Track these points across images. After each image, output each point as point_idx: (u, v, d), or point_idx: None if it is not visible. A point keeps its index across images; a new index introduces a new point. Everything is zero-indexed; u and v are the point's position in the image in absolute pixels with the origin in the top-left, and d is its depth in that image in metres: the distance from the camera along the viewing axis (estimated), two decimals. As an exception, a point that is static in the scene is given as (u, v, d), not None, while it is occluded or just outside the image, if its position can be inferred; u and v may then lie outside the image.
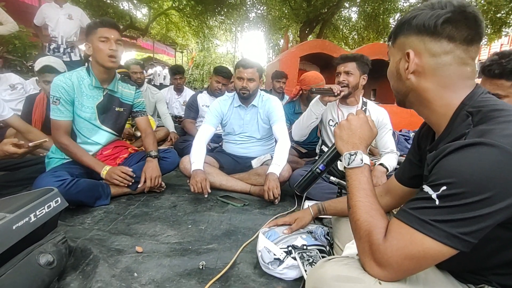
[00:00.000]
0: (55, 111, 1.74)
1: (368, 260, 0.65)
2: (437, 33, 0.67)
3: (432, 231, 0.57)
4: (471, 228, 0.55)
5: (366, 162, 0.77)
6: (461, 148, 0.58)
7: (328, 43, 5.90)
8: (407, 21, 0.72)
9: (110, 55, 1.75)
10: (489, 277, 0.69)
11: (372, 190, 0.73)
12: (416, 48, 0.70)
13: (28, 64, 5.37)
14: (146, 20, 12.11)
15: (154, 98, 3.67)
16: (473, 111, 0.64)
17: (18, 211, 0.98)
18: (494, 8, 7.51)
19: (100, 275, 1.05)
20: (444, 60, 0.68)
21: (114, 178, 1.78)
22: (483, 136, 0.57)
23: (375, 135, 0.85)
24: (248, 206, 1.89)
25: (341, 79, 1.97)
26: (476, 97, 0.67)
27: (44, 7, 3.82)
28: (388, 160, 2.01)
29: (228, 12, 10.86)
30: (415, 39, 0.71)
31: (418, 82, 0.72)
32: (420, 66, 0.71)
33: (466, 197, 0.55)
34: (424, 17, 0.68)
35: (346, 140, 0.83)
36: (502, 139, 0.55)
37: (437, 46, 0.68)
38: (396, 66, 0.76)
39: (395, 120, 2.80)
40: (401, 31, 0.74)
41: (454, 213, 0.56)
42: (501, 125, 0.58)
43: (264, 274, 1.17)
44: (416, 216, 0.60)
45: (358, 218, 0.70)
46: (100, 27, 1.75)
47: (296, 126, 2.15)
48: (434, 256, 0.58)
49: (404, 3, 10.70)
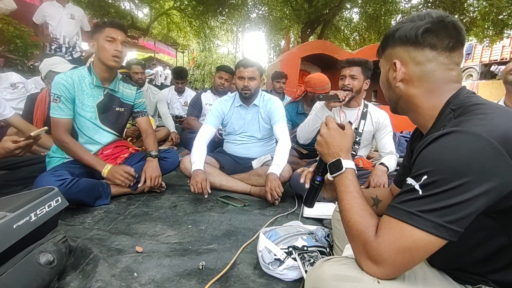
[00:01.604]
0: (55, 109, 1.74)
1: (364, 260, 0.66)
2: (419, 42, 0.73)
3: (419, 222, 0.59)
4: (455, 216, 0.57)
5: (347, 166, 0.81)
6: (438, 137, 0.61)
7: (329, 44, 5.89)
8: (391, 34, 0.78)
9: (115, 55, 1.77)
10: (485, 276, 0.69)
11: (358, 192, 0.76)
12: (402, 58, 0.76)
13: (29, 63, 5.38)
14: (148, 20, 12.12)
15: (155, 98, 3.68)
16: (455, 108, 0.69)
17: (18, 210, 0.98)
18: (496, 10, 7.49)
19: (100, 275, 1.06)
20: (429, 68, 0.73)
21: (117, 178, 1.77)
22: (459, 125, 0.61)
23: (351, 136, 0.89)
24: (248, 206, 1.89)
25: (346, 82, 2.01)
26: (461, 96, 0.71)
27: (45, 5, 3.80)
28: (388, 160, 2.03)
29: (230, 13, 10.85)
30: (400, 50, 0.76)
31: (407, 89, 0.77)
32: (406, 74, 0.76)
33: (445, 183, 0.57)
34: (406, 29, 0.74)
35: (326, 153, 0.88)
36: (478, 127, 0.58)
37: (420, 54, 0.73)
38: (386, 75, 0.82)
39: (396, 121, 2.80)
40: (387, 43, 0.80)
41: (437, 201, 0.58)
42: (479, 115, 0.61)
43: (264, 274, 1.17)
44: (403, 209, 0.62)
45: (349, 220, 0.72)
46: (108, 27, 1.76)
47: (302, 130, 2.19)
48: (425, 247, 0.59)
49: (406, 5, 10.68)
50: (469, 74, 13.39)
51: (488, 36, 8.86)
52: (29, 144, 1.50)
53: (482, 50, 12.64)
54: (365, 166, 2.11)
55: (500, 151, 0.56)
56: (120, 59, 1.81)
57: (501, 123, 0.59)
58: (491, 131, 0.57)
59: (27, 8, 6.05)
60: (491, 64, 12.59)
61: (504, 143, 0.56)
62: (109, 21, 1.80)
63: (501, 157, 0.56)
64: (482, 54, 12.92)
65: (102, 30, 1.75)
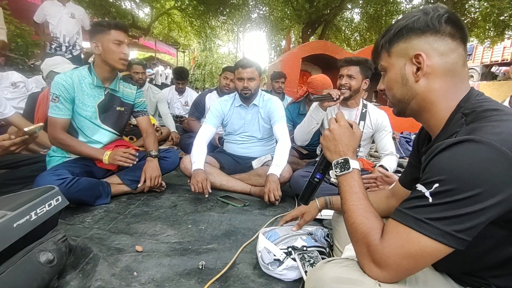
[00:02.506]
0: (53, 109, 1.74)
1: (367, 262, 0.65)
2: (441, 31, 0.69)
3: (427, 230, 0.58)
4: (465, 226, 0.56)
5: (354, 167, 0.78)
6: (451, 145, 0.59)
7: (330, 44, 5.90)
8: (403, 27, 0.72)
9: (123, 58, 1.78)
10: (488, 280, 0.69)
11: (364, 193, 0.74)
12: (423, 49, 0.70)
13: (30, 62, 5.38)
14: (149, 19, 12.13)
15: (156, 98, 3.68)
16: (468, 112, 0.66)
17: (19, 209, 0.98)
18: (497, 11, 7.48)
19: (100, 274, 1.06)
20: (452, 58, 0.69)
21: (118, 160, 1.77)
22: (472, 133, 0.59)
23: (359, 137, 0.87)
24: (248, 206, 1.89)
25: (343, 82, 1.99)
26: (472, 99, 0.69)
27: (46, 4, 3.80)
28: (388, 162, 2.01)
29: (231, 13, 10.85)
30: (418, 41, 0.71)
31: (428, 84, 0.71)
32: (429, 67, 0.70)
33: (457, 193, 0.56)
34: (425, 19, 0.70)
35: (333, 150, 0.84)
36: (492, 136, 0.56)
37: (443, 44, 0.69)
38: (401, 72, 0.75)
39: (396, 122, 2.79)
40: (398, 37, 0.74)
41: (447, 210, 0.57)
42: (492, 123, 0.59)
43: (264, 274, 1.17)
44: (411, 215, 0.61)
45: (354, 221, 0.70)
46: (114, 29, 1.75)
47: (298, 132, 2.15)
48: (431, 254, 0.59)
49: (407, 5, 10.68)
50: (470, 75, 13.38)
51: (489, 37, 8.84)
52: (24, 140, 1.46)
53: (483, 51, 12.62)
54: (366, 167, 2.11)
55: None
56: (127, 61, 1.84)
57: None
58: (505, 140, 0.55)
59: (28, 7, 6.07)
60: (492, 65, 12.58)
61: None
62: (113, 23, 1.78)
63: None
64: (483, 55, 12.91)
65: (107, 32, 1.74)
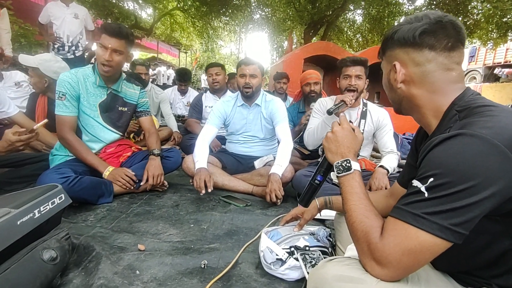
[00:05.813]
0: (60, 107, 1.75)
1: (368, 260, 0.65)
2: (417, 44, 0.73)
3: (424, 224, 0.59)
4: (461, 219, 0.57)
5: (355, 168, 0.80)
6: (444, 140, 0.61)
7: (332, 45, 5.90)
8: (390, 36, 0.79)
9: (103, 63, 1.74)
10: (488, 279, 0.69)
11: (364, 193, 0.76)
12: (402, 59, 0.77)
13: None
14: (151, 20, 12.15)
15: (158, 98, 3.69)
16: (461, 109, 0.68)
17: (22, 206, 0.99)
18: (500, 13, 7.45)
19: (102, 272, 1.06)
20: (428, 68, 0.73)
21: (118, 180, 1.79)
22: (465, 127, 0.61)
23: (361, 141, 0.89)
24: (250, 206, 1.89)
25: (352, 82, 1.97)
26: (466, 98, 0.71)
27: (50, 5, 3.85)
28: (388, 162, 1.99)
29: (233, 13, 10.86)
30: (399, 52, 0.77)
31: (408, 90, 0.77)
32: (407, 75, 0.76)
33: (452, 186, 0.57)
34: (403, 31, 0.75)
35: (335, 152, 0.86)
36: (484, 130, 0.58)
37: (419, 55, 0.74)
38: (387, 77, 0.83)
39: (398, 123, 2.79)
40: (387, 45, 0.81)
41: (443, 204, 0.58)
42: (485, 117, 0.61)
43: (266, 274, 1.17)
44: (408, 210, 0.62)
45: (354, 221, 0.71)
46: (103, 32, 1.73)
47: (310, 137, 2.13)
48: (430, 249, 0.59)
49: (409, 7, 10.65)
50: (473, 76, 13.33)
51: (492, 39, 8.81)
52: (30, 137, 1.52)
53: (486, 53, 12.58)
54: (368, 167, 2.10)
55: (506, 154, 0.56)
56: (111, 68, 1.75)
57: (508, 126, 0.59)
58: (497, 133, 0.57)
59: (31, 7, 6.11)
60: (495, 67, 12.54)
61: (510, 146, 0.56)
62: (105, 26, 1.75)
63: (507, 160, 0.56)
64: (485, 56, 12.85)
65: (101, 34, 1.74)
